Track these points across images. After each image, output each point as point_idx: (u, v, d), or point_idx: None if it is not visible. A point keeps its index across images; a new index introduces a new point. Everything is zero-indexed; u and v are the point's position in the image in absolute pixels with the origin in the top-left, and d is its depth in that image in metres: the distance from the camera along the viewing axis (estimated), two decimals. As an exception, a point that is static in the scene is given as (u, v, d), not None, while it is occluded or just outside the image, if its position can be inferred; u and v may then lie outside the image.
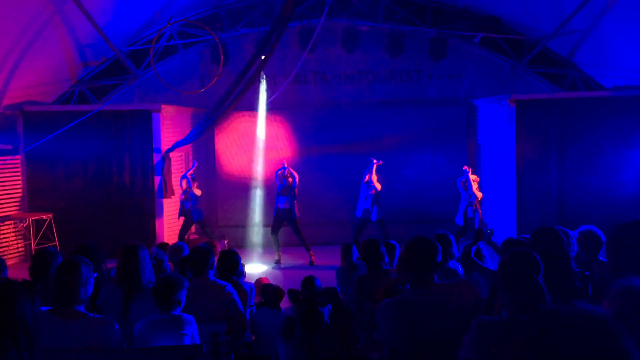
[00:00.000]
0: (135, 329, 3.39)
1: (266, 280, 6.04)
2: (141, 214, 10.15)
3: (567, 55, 10.87)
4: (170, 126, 10.58)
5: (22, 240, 9.99)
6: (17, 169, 10.04)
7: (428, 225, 9.27)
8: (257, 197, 11.02)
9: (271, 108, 10.97)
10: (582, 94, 10.53)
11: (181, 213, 9.96)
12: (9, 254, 9.64)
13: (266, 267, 9.59)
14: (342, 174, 10.99)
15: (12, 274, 4.14)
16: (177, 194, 10.62)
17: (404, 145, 11.23)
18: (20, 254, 9.96)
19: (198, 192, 9.91)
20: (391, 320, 2.78)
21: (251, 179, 11.26)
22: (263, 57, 8.82)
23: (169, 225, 10.49)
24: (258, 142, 10.66)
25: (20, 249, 9.99)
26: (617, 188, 9.89)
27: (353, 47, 10.97)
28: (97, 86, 10.92)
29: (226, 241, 10.18)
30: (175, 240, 9.19)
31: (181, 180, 10.03)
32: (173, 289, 3.43)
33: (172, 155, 10.24)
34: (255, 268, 9.46)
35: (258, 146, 10.67)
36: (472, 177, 9.24)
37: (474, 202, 9.11)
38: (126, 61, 10.76)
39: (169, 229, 10.42)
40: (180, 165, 11.08)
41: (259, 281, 5.92)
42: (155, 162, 10.04)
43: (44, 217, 9.70)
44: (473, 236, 4.36)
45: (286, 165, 9.80)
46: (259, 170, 11.07)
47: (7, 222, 9.74)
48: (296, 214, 9.60)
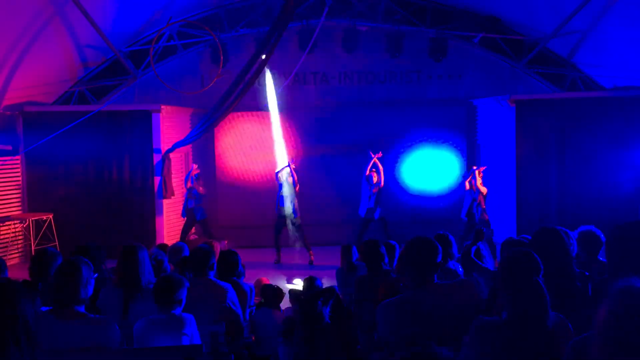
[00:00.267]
0: (135, 329, 3.39)
1: (266, 280, 6.04)
2: (141, 214, 10.15)
3: (567, 56, 10.87)
4: (170, 126, 10.57)
5: (22, 241, 9.98)
6: (17, 170, 10.04)
7: (428, 225, 9.29)
8: (258, 197, 11.02)
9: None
10: (582, 94, 10.53)
11: (185, 211, 9.97)
12: (9, 255, 9.64)
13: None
14: (342, 174, 10.99)
15: (12, 275, 4.14)
16: (178, 194, 10.63)
17: (404, 146, 11.24)
18: (20, 254, 9.96)
19: (202, 190, 9.91)
20: (391, 320, 2.78)
21: (251, 179, 11.27)
22: (263, 57, 8.82)
23: (169, 226, 10.49)
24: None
25: (20, 250, 9.99)
26: (617, 188, 9.90)
27: (353, 48, 10.96)
28: (97, 86, 10.91)
29: (226, 241, 10.18)
30: (174, 241, 9.18)
31: (186, 179, 10.00)
32: (173, 288, 3.43)
33: (172, 155, 10.23)
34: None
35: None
36: (477, 173, 9.21)
37: (477, 197, 9.09)
38: (126, 61, 10.76)
39: (169, 229, 10.42)
40: (180, 166, 11.07)
41: (259, 281, 5.92)
42: (155, 162, 10.04)
43: (44, 218, 9.70)
44: (473, 236, 4.36)
45: (292, 165, 9.77)
46: (259, 170, 11.08)
47: (7, 223, 9.74)
48: (297, 213, 9.61)
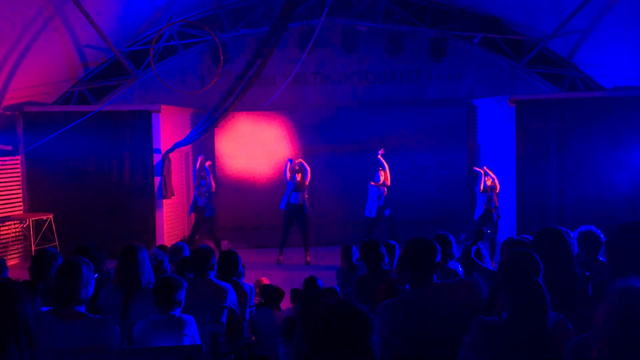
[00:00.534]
0: (135, 330, 3.39)
1: (266, 280, 6.04)
2: (141, 214, 10.14)
3: (567, 56, 10.87)
4: (170, 127, 10.57)
5: (22, 241, 9.98)
6: (17, 170, 10.04)
7: (428, 225, 9.28)
8: (258, 198, 11.01)
9: (271, 108, 10.97)
10: (582, 94, 10.54)
11: (193, 209, 9.76)
12: (9, 255, 9.64)
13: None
14: (342, 174, 10.99)
15: (13, 275, 4.14)
16: (178, 194, 10.62)
17: (404, 146, 11.22)
18: (21, 254, 9.96)
19: (214, 186, 9.81)
20: (391, 321, 2.78)
21: (252, 179, 11.26)
22: (263, 57, 8.82)
23: (169, 226, 10.49)
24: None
25: (20, 250, 9.99)
26: (617, 188, 9.90)
27: (353, 48, 10.96)
28: (97, 87, 10.91)
29: (226, 242, 10.19)
30: (174, 241, 9.17)
31: (195, 173, 9.78)
32: (173, 289, 3.43)
33: (172, 155, 10.23)
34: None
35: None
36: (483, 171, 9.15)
37: (492, 195, 9.01)
38: (126, 62, 10.76)
39: (169, 229, 10.42)
40: (181, 166, 11.08)
41: (259, 281, 5.92)
42: (155, 162, 10.04)
43: (44, 218, 9.70)
44: (473, 236, 4.36)
45: (302, 162, 9.69)
46: (259, 170, 11.07)
47: (7, 223, 9.74)
48: (307, 208, 9.58)
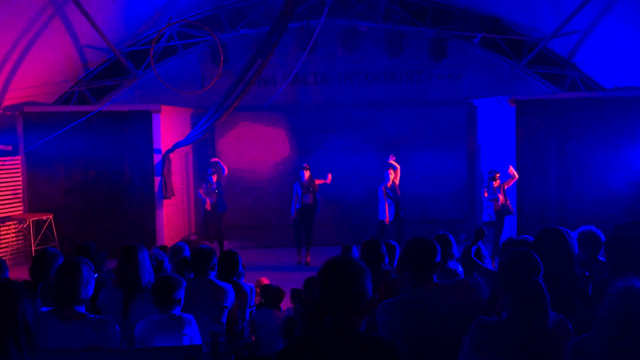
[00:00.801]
0: (136, 330, 3.39)
1: (266, 280, 6.04)
2: (141, 214, 10.15)
3: (567, 56, 10.87)
4: (171, 127, 10.57)
5: (22, 241, 9.99)
6: (17, 170, 10.04)
7: (428, 225, 9.28)
8: (258, 198, 11.01)
9: (271, 109, 10.97)
10: (582, 94, 10.54)
11: (205, 209, 9.76)
12: (9, 255, 9.64)
13: None
14: (341, 174, 10.97)
15: (13, 275, 4.14)
16: (178, 194, 10.61)
17: (404, 146, 11.22)
18: (21, 254, 9.96)
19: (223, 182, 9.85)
20: (391, 320, 2.78)
21: (252, 178, 11.26)
22: (263, 57, 8.81)
23: (169, 226, 10.49)
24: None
25: (20, 250, 9.98)
26: (617, 187, 9.90)
27: (353, 48, 10.96)
28: (97, 87, 10.91)
29: (226, 242, 10.18)
30: (174, 241, 9.17)
31: (210, 173, 9.74)
32: (172, 288, 3.44)
33: (172, 155, 10.23)
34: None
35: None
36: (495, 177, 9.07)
37: (498, 197, 8.93)
38: (126, 62, 10.76)
39: (169, 229, 10.42)
40: (181, 166, 11.07)
41: (259, 282, 5.92)
42: (155, 162, 10.04)
43: (44, 218, 9.70)
44: (473, 236, 4.36)
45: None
46: (259, 170, 11.07)
47: (7, 223, 9.74)
48: (318, 210, 9.57)
